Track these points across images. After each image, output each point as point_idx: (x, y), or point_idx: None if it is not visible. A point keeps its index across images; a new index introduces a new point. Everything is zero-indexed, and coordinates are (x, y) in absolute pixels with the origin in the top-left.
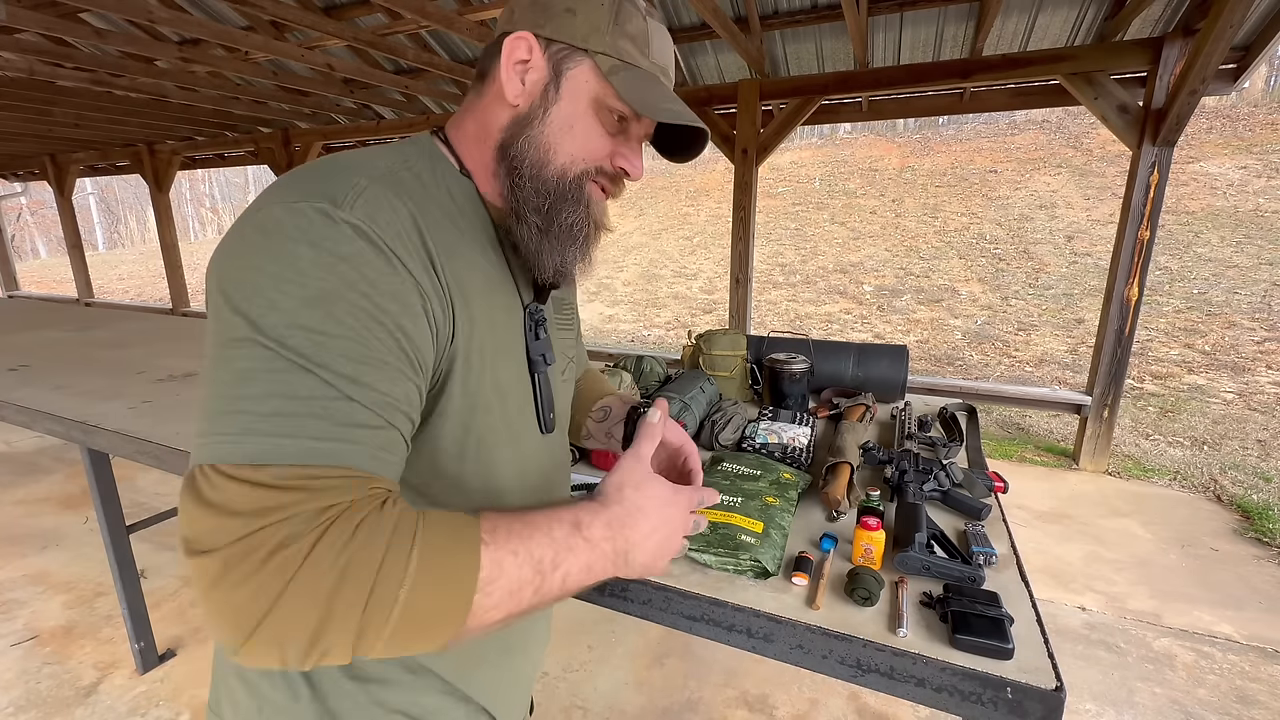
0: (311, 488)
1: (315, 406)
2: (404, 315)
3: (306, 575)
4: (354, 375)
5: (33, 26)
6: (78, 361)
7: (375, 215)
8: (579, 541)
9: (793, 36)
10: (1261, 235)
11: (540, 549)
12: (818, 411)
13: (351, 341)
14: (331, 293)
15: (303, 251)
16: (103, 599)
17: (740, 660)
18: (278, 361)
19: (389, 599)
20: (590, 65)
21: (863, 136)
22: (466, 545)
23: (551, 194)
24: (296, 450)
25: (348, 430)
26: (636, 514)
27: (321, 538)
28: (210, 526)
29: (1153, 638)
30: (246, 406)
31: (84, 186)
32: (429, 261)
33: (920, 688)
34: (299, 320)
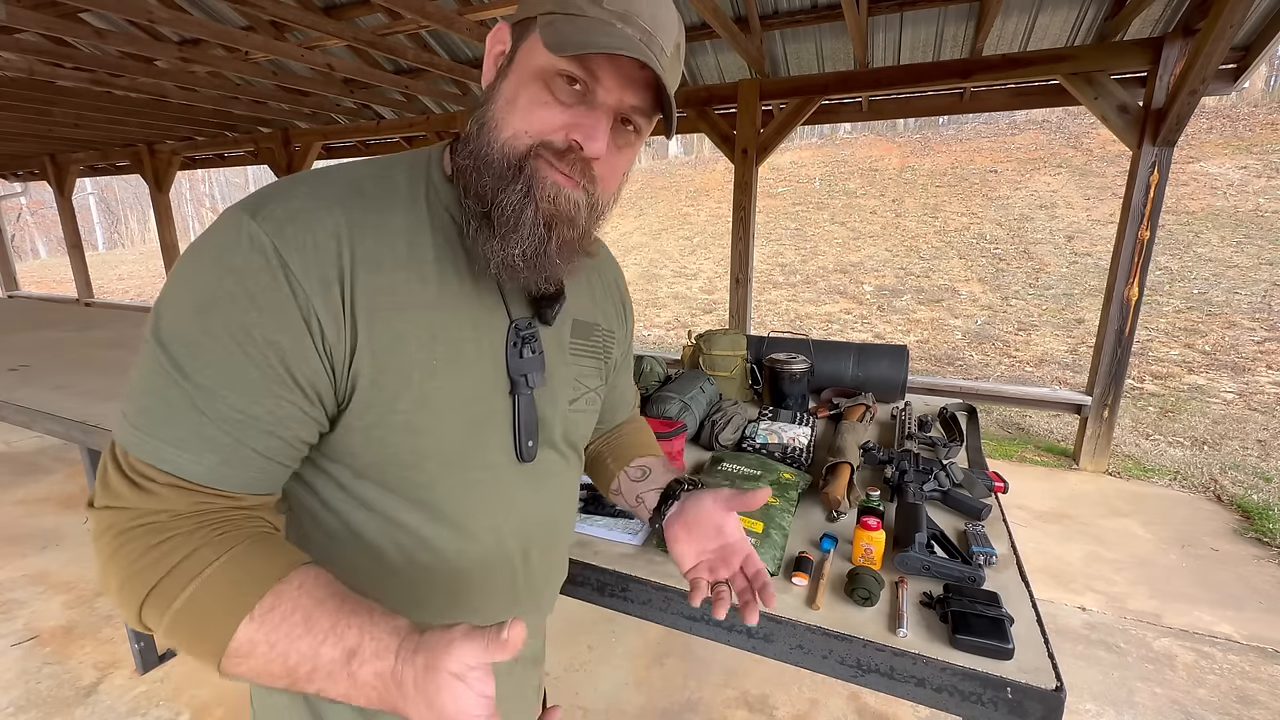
0: (144, 488)
1: (173, 414)
2: (281, 332)
3: (112, 564)
4: (211, 388)
5: (33, 26)
6: (78, 361)
7: (283, 228)
8: (342, 673)
9: (793, 36)
10: (1261, 235)
11: (299, 656)
12: (818, 411)
13: (219, 354)
14: (214, 303)
15: (205, 259)
16: (103, 599)
17: (740, 660)
18: (157, 365)
19: (156, 617)
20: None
21: (863, 136)
22: (229, 613)
23: (493, 173)
24: (148, 449)
25: (194, 441)
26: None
27: (125, 545)
28: (97, 487)
29: (1153, 638)
30: (134, 398)
31: (84, 186)
32: (338, 277)
33: (920, 688)
34: (182, 328)
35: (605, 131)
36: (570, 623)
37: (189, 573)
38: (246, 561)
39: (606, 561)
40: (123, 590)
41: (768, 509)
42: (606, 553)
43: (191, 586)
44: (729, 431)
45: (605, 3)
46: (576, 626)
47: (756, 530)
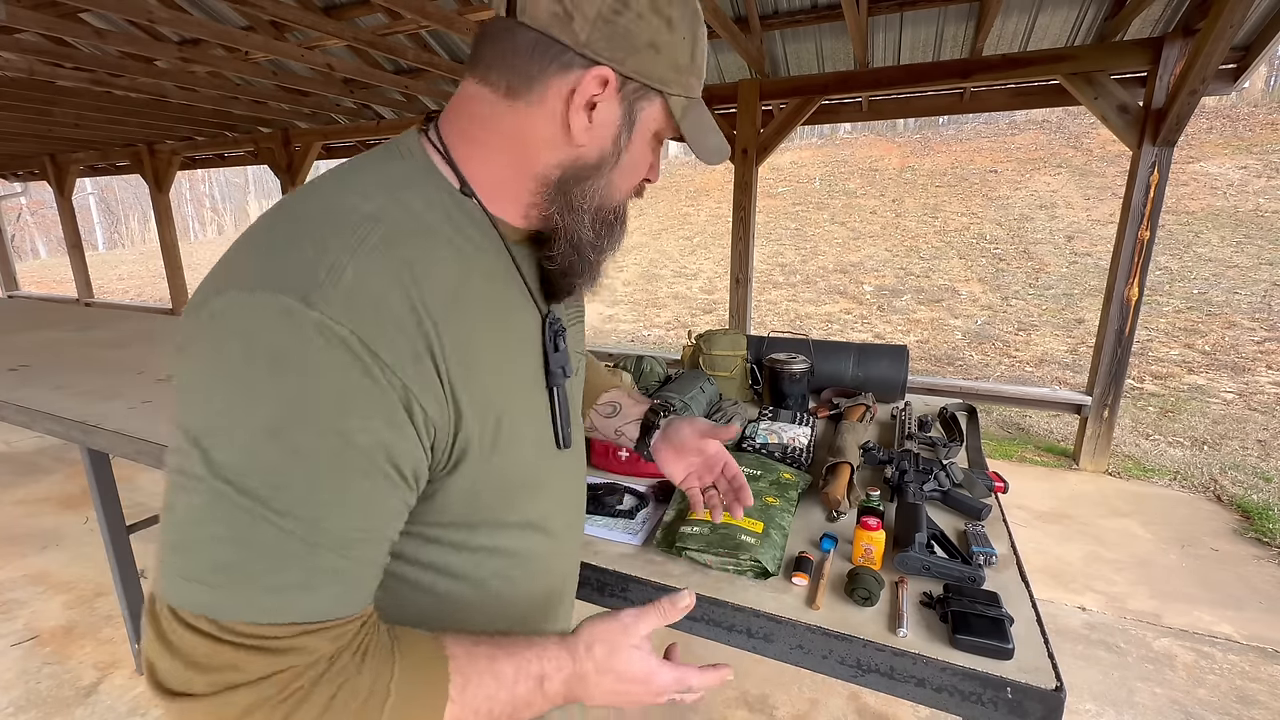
0: (266, 648)
1: (276, 558)
2: (384, 430)
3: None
4: (318, 517)
5: (33, 26)
6: (78, 361)
7: (354, 308)
8: (537, 696)
9: (793, 36)
10: (1261, 235)
11: (500, 706)
12: (818, 411)
13: (316, 477)
14: (292, 421)
15: (259, 370)
16: (103, 599)
17: (740, 660)
18: (231, 508)
19: None
20: (661, 104)
21: (863, 136)
22: (432, 710)
23: (607, 224)
24: (249, 608)
25: (311, 577)
26: (597, 677)
27: (295, 711)
28: (175, 670)
29: (1153, 638)
30: (203, 551)
31: (84, 186)
32: (426, 348)
33: (920, 688)
34: (256, 459)
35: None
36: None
37: (378, 706)
38: (412, 663)
39: (606, 561)
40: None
41: (768, 509)
42: (606, 553)
43: (385, 714)
44: None
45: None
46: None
47: (756, 530)
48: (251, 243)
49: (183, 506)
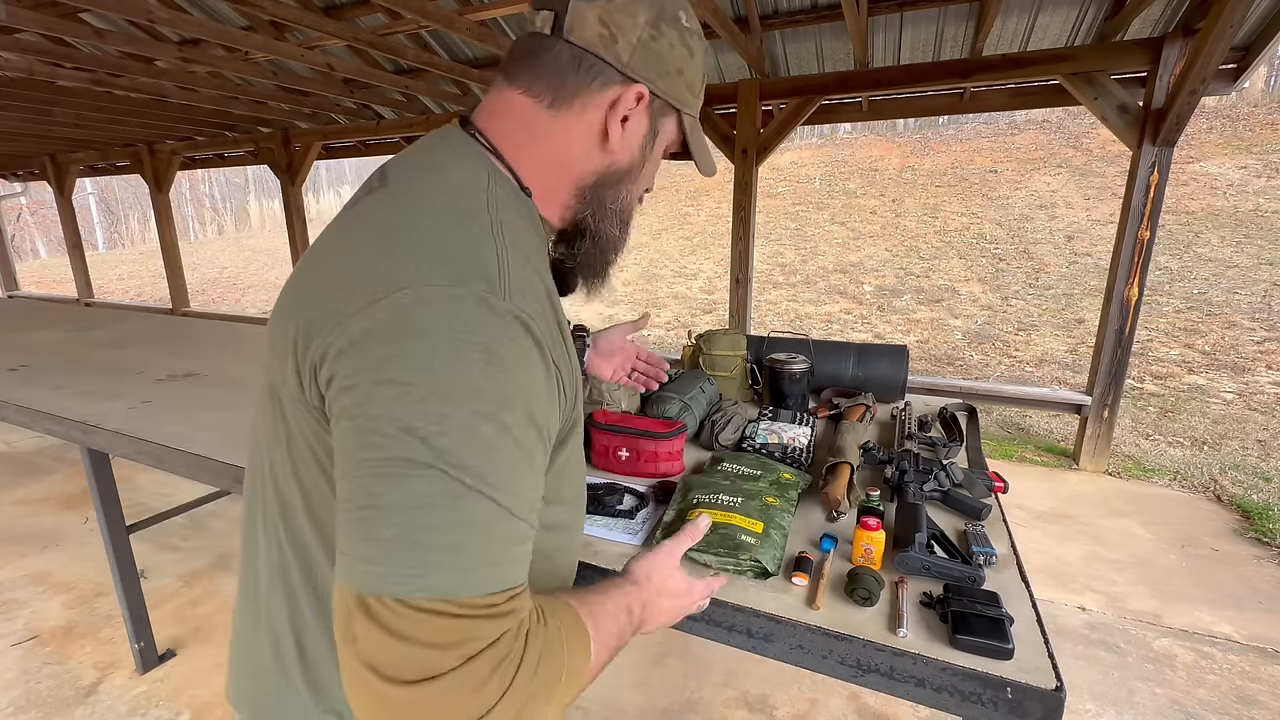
0: (495, 614)
1: (491, 531)
2: (550, 411)
3: (510, 698)
4: (517, 490)
5: (33, 26)
6: (78, 361)
7: (526, 296)
8: (628, 623)
9: (793, 36)
10: (1261, 235)
11: (615, 637)
12: (818, 411)
13: (513, 454)
14: (503, 406)
15: (474, 360)
16: (103, 599)
17: (740, 660)
18: (456, 488)
19: (549, 698)
20: (676, 121)
21: (863, 136)
22: (585, 646)
23: (626, 225)
24: (479, 581)
25: (515, 548)
26: (658, 600)
27: (521, 664)
28: (413, 658)
29: (1153, 638)
30: (427, 539)
31: (84, 186)
32: (559, 332)
33: (920, 688)
34: (475, 440)
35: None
36: None
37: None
38: (555, 609)
39: (606, 561)
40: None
41: (768, 509)
42: (606, 553)
43: (564, 654)
44: (729, 431)
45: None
46: None
47: (756, 530)
48: (404, 232)
49: (403, 499)
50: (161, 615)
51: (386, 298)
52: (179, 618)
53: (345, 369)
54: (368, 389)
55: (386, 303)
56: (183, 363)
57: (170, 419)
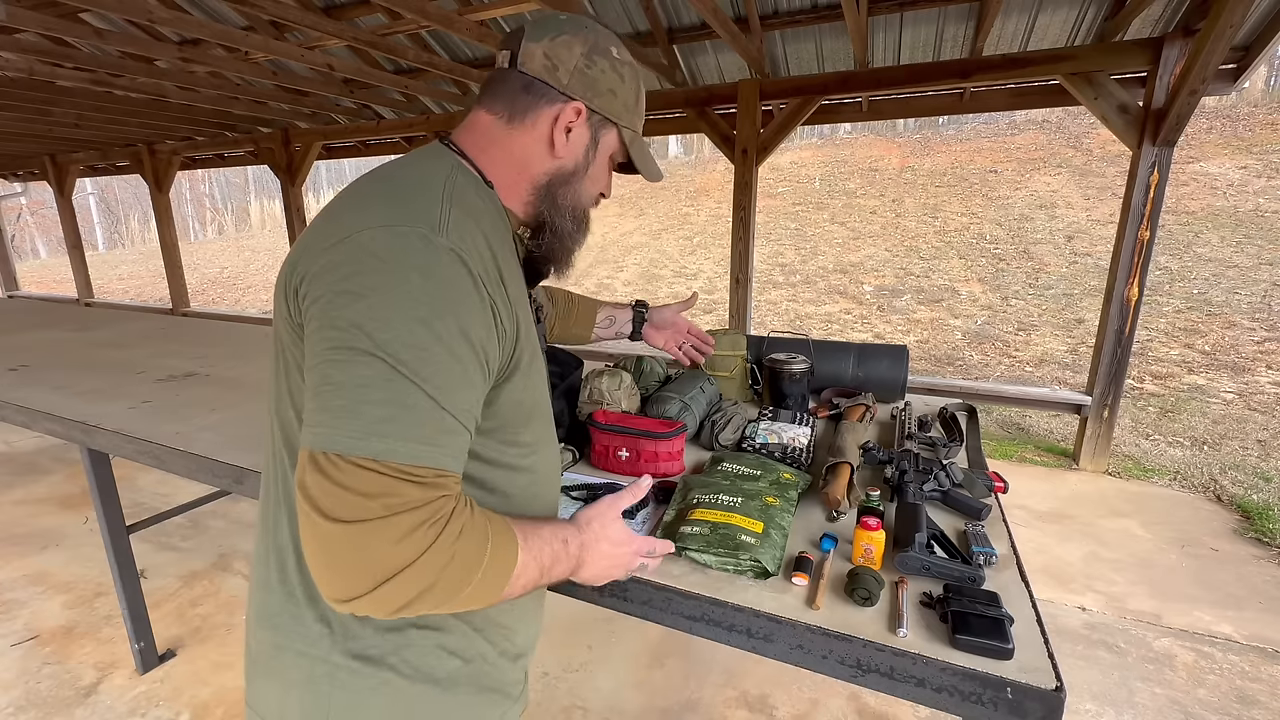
0: (420, 481)
1: (422, 415)
2: (484, 332)
3: (429, 558)
4: (448, 388)
5: (33, 26)
6: (78, 361)
7: (464, 240)
8: (564, 554)
9: (793, 36)
10: (1261, 235)
11: (547, 556)
12: (818, 411)
13: (449, 357)
14: (435, 314)
15: (413, 277)
16: (103, 599)
17: (740, 660)
18: (392, 374)
19: (468, 582)
20: (616, 134)
21: (863, 136)
22: (511, 549)
23: (580, 223)
24: (408, 452)
25: (442, 436)
26: (597, 543)
27: (441, 533)
28: (346, 501)
29: (1153, 638)
30: (366, 411)
31: (84, 186)
32: (499, 279)
33: (920, 688)
34: (409, 338)
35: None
36: (570, 623)
37: (485, 536)
38: (494, 521)
39: None
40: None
41: (768, 509)
42: None
43: (488, 546)
44: (729, 431)
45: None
46: (576, 626)
47: (756, 530)
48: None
49: (350, 378)
50: (161, 615)
51: (351, 235)
52: (179, 618)
53: (315, 288)
54: (330, 298)
55: (350, 239)
56: (183, 363)
57: (170, 419)
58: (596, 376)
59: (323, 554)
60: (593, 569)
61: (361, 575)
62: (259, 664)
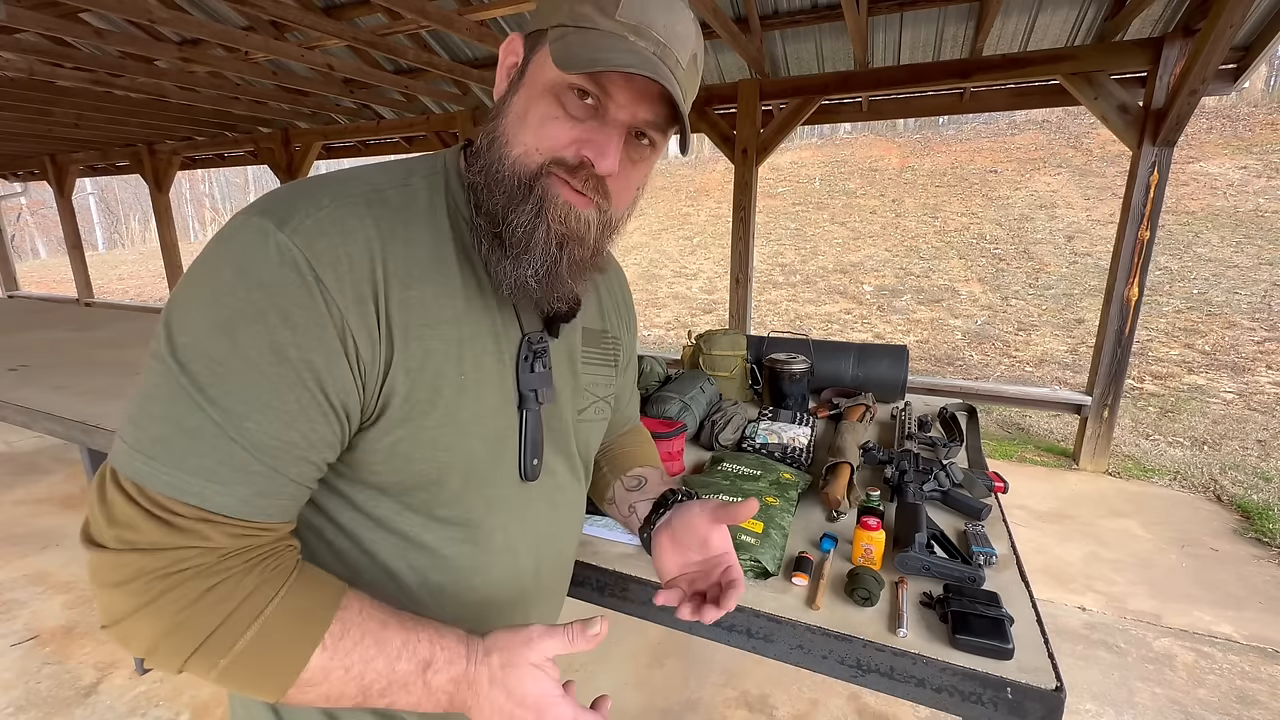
0: (172, 524)
1: (198, 441)
2: (316, 351)
3: (147, 614)
4: (243, 414)
5: (33, 26)
6: (78, 361)
7: (314, 241)
8: (417, 683)
9: (793, 36)
10: (1261, 235)
11: (374, 675)
12: (818, 411)
13: (249, 376)
14: (240, 321)
15: (226, 273)
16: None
17: (740, 660)
18: (175, 387)
19: (210, 663)
20: (548, 45)
21: (863, 136)
22: (299, 647)
23: (504, 192)
24: (169, 482)
25: (223, 471)
26: (488, 688)
27: (170, 591)
28: (100, 523)
29: (1153, 638)
30: (144, 424)
31: (84, 186)
32: (372, 293)
33: (920, 688)
34: (204, 347)
35: (617, 148)
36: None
37: (250, 613)
38: (302, 592)
39: (606, 561)
40: (168, 639)
41: (768, 509)
42: (606, 553)
43: (254, 627)
44: (729, 431)
45: (619, 14)
46: None
47: (756, 530)
48: (289, 186)
49: (145, 383)
50: None
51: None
52: None
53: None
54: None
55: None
56: None
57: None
58: None
59: (91, 579)
60: (474, 713)
61: (100, 608)
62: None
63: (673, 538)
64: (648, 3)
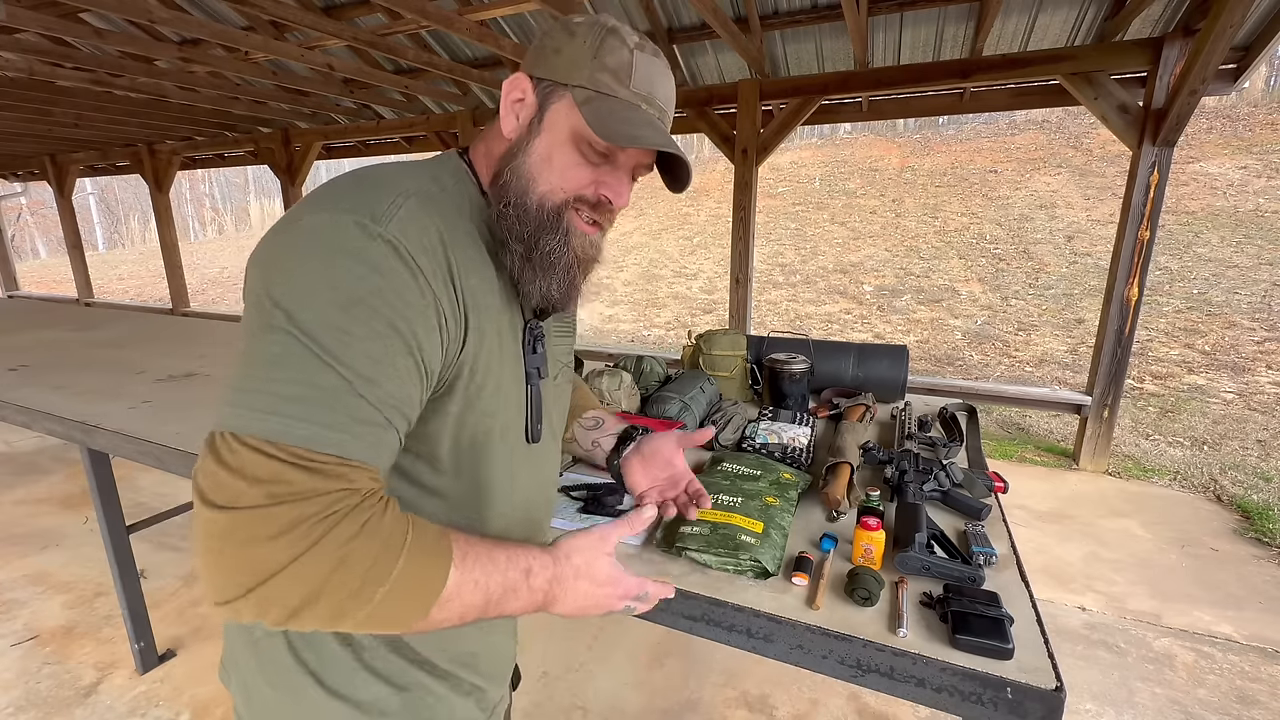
0: (316, 468)
1: (332, 398)
2: (419, 325)
3: (311, 557)
4: (369, 375)
5: (33, 26)
6: (78, 361)
7: (407, 231)
8: (524, 587)
9: (793, 36)
10: (1261, 235)
11: (494, 584)
12: (818, 411)
13: (371, 344)
14: (361, 299)
15: (340, 260)
16: (103, 599)
17: (740, 660)
18: (306, 353)
19: (369, 595)
20: (569, 99)
21: (863, 136)
22: (439, 565)
23: (531, 222)
24: (308, 434)
25: (354, 424)
26: (574, 581)
27: (330, 530)
28: (227, 485)
29: (1153, 638)
30: (273, 388)
31: (84, 186)
32: (449, 277)
33: (920, 688)
34: (330, 320)
35: (629, 188)
36: (570, 622)
37: (398, 542)
38: (421, 524)
39: None
40: (333, 577)
41: (768, 509)
42: None
43: (403, 554)
44: (729, 431)
45: (632, 85)
46: (576, 626)
47: (756, 530)
48: (332, 189)
49: (261, 355)
50: (161, 615)
51: (296, 221)
52: (179, 618)
53: (253, 270)
54: (259, 278)
55: (296, 224)
56: (183, 363)
57: (170, 419)
58: (596, 376)
59: (202, 545)
60: (565, 607)
61: (238, 573)
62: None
63: (642, 461)
64: (652, 77)
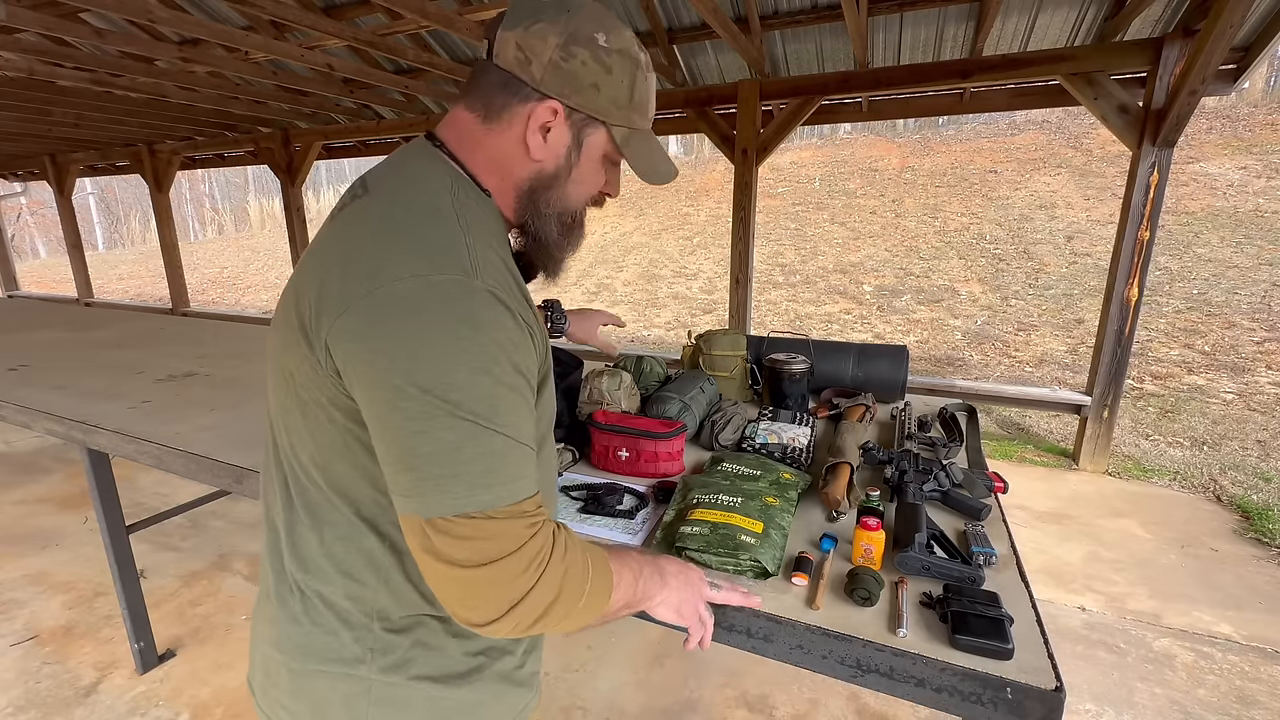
0: (523, 515)
1: (508, 458)
2: (524, 358)
3: (549, 575)
4: (517, 424)
5: (33, 26)
6: (78, 361)
7: (495, 276)
8: (657, 580)
9: (793, 36)
10: (1261, 235)
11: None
12: (818, 411)
13: (511, 397)
14: (492, 360)
15: (462, 329)
16: (102, 599)
17: (740, 660)
18: (475, 430)
19: (580, 591)
20: (605, 133)
21: (863, 136)
22: (605, 563)
23: (568, 228)
24: (509, 492)
25: (525, 467)
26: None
27: (552, 554)
28: (476, 549)
29: (1153, 638)
30: (464, 471)
31: (84, 186)
32: (523, 298)
33: (920, 688)
34: (475, 390)
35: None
36: None
37: (585, 549)
38: (591, 546)
39: None
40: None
41: (768, 509)
42: None
43: (591, 560)
44: (729, 431)
45: (648, 113)
46: None
47: (756, 530)
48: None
49: (440, 447)
50: (161, 615)
51: (386, 285)
52: (179, 618)
53: (355, 346)
54: (380, 360)
55: (386, 290)
56: (183, 363)
57: (170, 419)
58: (596, 376)
59: (465, 595)
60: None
61: (498, 603)
62: (281, 687)
63: (580, 326)
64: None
